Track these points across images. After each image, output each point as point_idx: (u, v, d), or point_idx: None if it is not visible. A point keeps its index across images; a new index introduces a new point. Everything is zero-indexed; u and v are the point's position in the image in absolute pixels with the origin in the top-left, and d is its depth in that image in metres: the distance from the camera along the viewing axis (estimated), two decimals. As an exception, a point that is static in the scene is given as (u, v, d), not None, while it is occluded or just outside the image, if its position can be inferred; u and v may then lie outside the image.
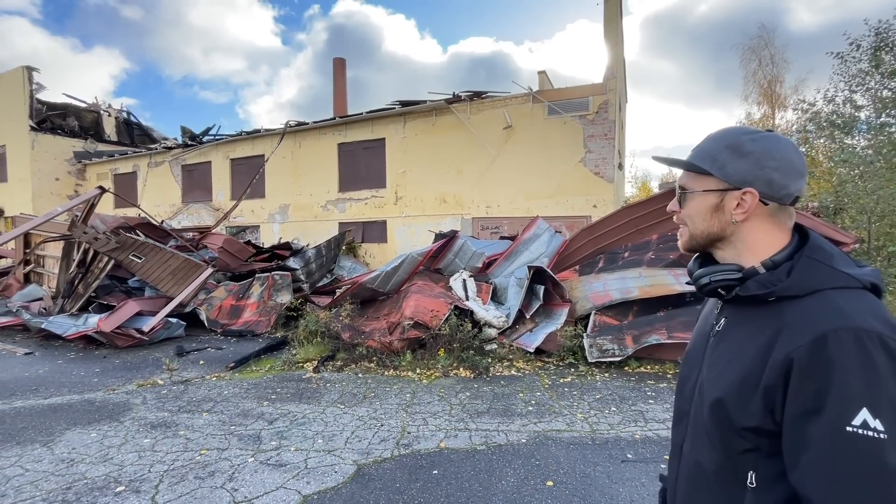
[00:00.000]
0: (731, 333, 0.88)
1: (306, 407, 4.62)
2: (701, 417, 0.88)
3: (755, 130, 0.88)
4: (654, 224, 7.47)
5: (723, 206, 0.87)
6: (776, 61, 21.83)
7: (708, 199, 0.89)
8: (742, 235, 0.88)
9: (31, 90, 19.09)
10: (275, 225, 15.05)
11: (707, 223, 0.90)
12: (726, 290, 0.87)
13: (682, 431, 0.96)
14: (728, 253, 0.91)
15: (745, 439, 0.80)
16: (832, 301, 0.76)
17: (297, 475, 3.27)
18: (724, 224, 0.88)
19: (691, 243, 0.94)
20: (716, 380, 0.85)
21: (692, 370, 0.96)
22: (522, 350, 6.21)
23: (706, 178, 0.88)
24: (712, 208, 0.88)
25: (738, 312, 0.88)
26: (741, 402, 0.79)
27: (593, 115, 10.65)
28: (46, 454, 3.61)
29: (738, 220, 0.86)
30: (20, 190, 19.09)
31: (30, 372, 5.94)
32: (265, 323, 8.19)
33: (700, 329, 1.01)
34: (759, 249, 0.87)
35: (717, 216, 0.88)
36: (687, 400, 0.95)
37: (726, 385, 0.82)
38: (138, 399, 4.90)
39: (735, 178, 0.85)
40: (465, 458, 3.52)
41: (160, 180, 17.58)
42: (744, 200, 0.85)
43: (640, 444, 3.71)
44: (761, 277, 0.83)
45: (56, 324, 7.40)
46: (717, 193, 0.87)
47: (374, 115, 13.19)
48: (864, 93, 9.53)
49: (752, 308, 0.85)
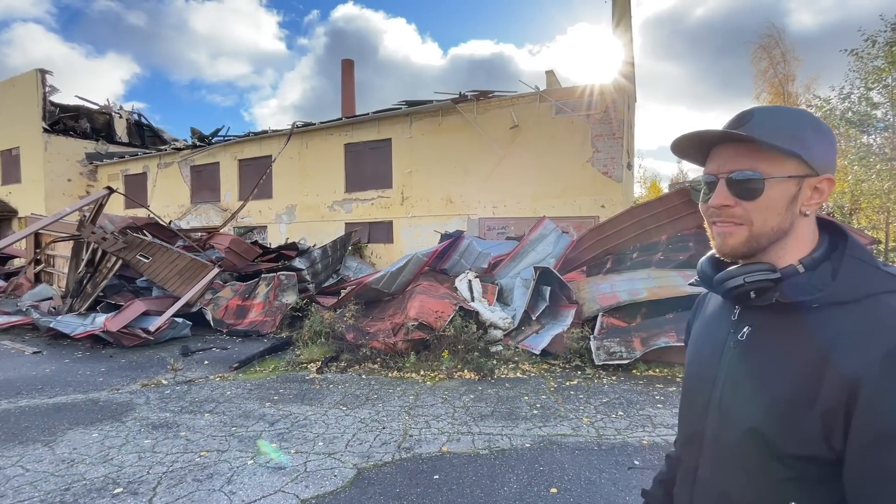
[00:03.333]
0: (761, 345, 0.76)
1: (308, 408, 4.57)
2: (727, 442, 0.77)
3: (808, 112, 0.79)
4: (664, 224, 7.33)
5: (798, 195, 0.74)
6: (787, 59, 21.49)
7: (788, 187, 0.74)
8: (798, 231, 0.76)
9: (45, 92, 19.36)
10: (282, 225, 15.09)
11: (781, 217, 0.74)
12: (758, 294, 0.75)
13: (696, 454, 0.84)
14: (770, 253, 0.77)
15: (789, 467, 0.69)
16: (893, 308, 0.65)
17: (295, 478, 3.22)
18: (794, 218, 0.75)
19: (750, 245, 0.76)
20: (748, 401, 0.74)
21: (703, 385, 0.83)
22: (528, 352, 6.12)
23: (789, 161, 0.73)
24: (790, 199, 0.74)
25: (769, 320, 0.76)
26: (787, 428, 0.68)
27: (601, 115, 10.52)
28: (47, 454, 3.60)
29: (810, 213, 0.75)
30: (33, 191, 19.37)
31: (37, 371, 5.97)
32: (270, 323, 8.18)
33: (707, 337, 0.88)
34: (802, 246, 0.76)
35: (792, 208, 0.75)
36: (698, 418, 0.83)
37: (767, 407, 0.71)
38: (141, 399, 4.89)
39: (818, 162, 0.73)
40: (468, 462, 3.45)
41: (169, 181, 17.74)
42: (819, 190, 0.74)
43: (648, 451, 3.61)
44: (801, 281, 0.72)
45: (64, 323, 7.45)
46: (797, 181, 0.74)
47: (380, 115, 13.17)
48: (880, 90, 9.31)
49: (790, 315, 0.73)
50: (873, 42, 8.77)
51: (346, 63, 24.51)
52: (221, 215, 15.67)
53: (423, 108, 12.47)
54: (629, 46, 11.40)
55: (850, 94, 9.42)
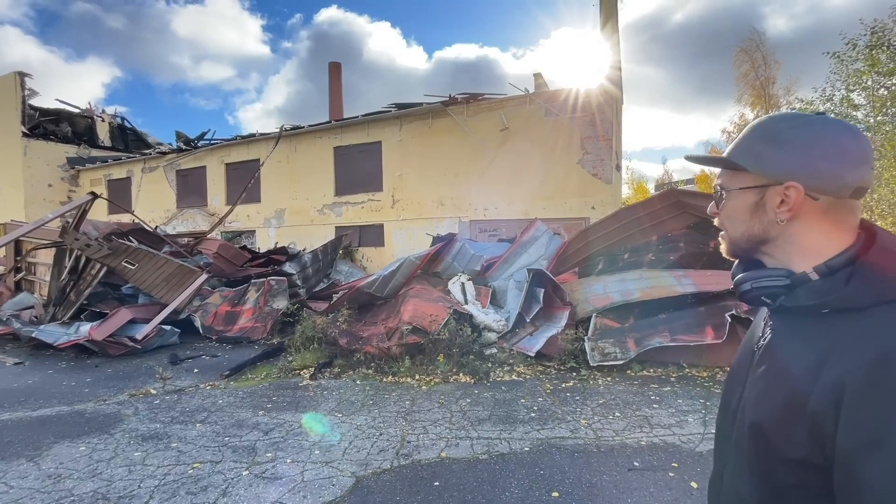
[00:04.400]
0: (775, 348, 0.78)
1: (303, 416, 4.50)
2: (741, 443, 0.78)
3: (800, 115, 0.77)
4: (654, 225, 7.39)
5: (764, 204, 0.78)
6: (768, 62, 21.96)
7: (745, 197, 0.80)
8: (791, 237, 0.77)
9: (24, 96, 18.90)
10: (270, 230, 14.92)
11: (746, 225, 0.81)
12: (771, 299, 0.77)
13: (724, 457, 0.86)
14: (777, 258, 0.80)
15: (791, 472, 0.69)
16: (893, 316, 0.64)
17: (293, 489, 3.16)
18: (768, 225, 0.78)
19: (732, 248, 0.85)
20: (757, 400, 0.76)
21: (736, 387, 0.85)
22: (523, 354, 6.11)
23: (741, 174, 0.80)
24: (752, 208, 0.79)
25: (786, 325, 0.78)
26: (784, 429, 0.69)
27: (590, 116, 10.60)
28: (33, 469, 3.48)
29: (784, 220, 0.76)
30: (12, 197, 18.87)
31: (19, 383, 5.79)
32: (261, 329, 8.06)
33: (746, 341, 0.90)
34: (812, 252, 0.75)
35: (758, 216, 0.79)
36: (730, 421, 0.85)
37: (769, 408, 0.72)
38: (130, 410, 4.77)
39: (774, 171, 0.75)
40: (467, 468, 3.41)
41: (155, 186, 17.42)
42: (787, 196, 0.75)
43: (647, 452, 3.61)
44: (813, 285, 0.73)
45: (47, 332, 7.25)
46: (756, 190, 0.78)
47: (369, 118, 13.10)
48: (860, 92, 9.54)
49: (801, 320, 0.75)
50: (854, 45, 8.99)
51: (333, 66, 24.40)
52: (209, 220, 15.43)
53: (412, 110, 12.43)
54: (616, 48, 11.51)
55: (832, 95, 9.68)
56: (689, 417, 4.25)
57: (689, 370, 5.60)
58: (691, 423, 4.12)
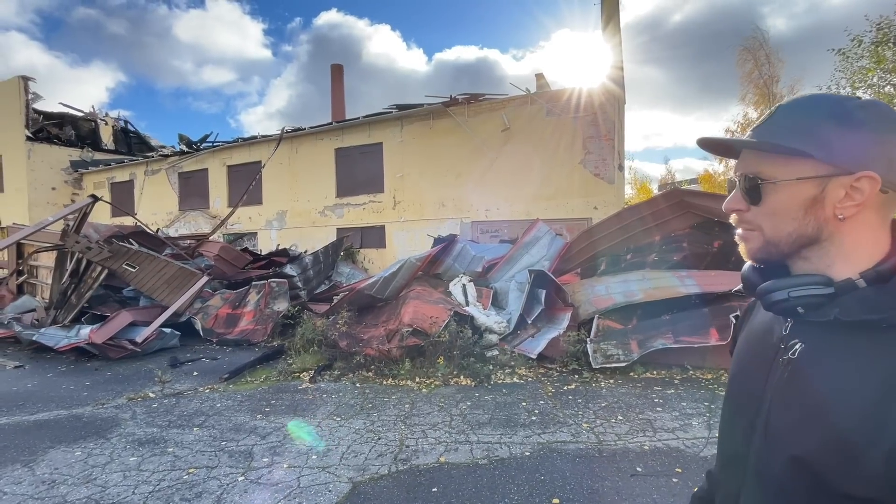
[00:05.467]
0: (816, 366, 0.66)
1: (301, 420, 4.44)
2: (772, 471, 0.68)
3: (856, 97, 0.68)
4: (657, 225, 7.31)
5: (823, 198, 0.65)
6: (772, 61, 21.79)
7: (802, 189, 0.66)
8: (842, 237, 0.66)
9: (28, 100, 19.01)
10: (272, 231, 14.91)
11: (798, 223, 0.67)
12: (808, 309, 0.66)
13: (738, 480, 0.75)
14: (814, 262, 0.69)
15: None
16: None
17: (289, 495, 3.10)
18: (823, 222, 0.66)
19: (768, 251, 0.71)
20: (797, 428, 0.65)
21: (747, 402, 0.75)
22: (524, 356, 6.04)
23: (800, 161, 0.66)
24: (808, 202, 0.66)
25: (826, 338, 0.66)
26: (843, 464, 0.60)
27: (591, 116, 10.53)
28: (27, 475, 3.44)
29: (847, 217, 0.65)
30: (16, 200, 18.97)
31: (18, 386, 5.77)
32: (262, 332, 8.02)
33: (753, 349, 0.79)
34: (858, 255, 0.66)
35: (815, 213, 0.66)
36: (742, 440, 0.75)
37: (820, 438, 0.62)
38: (127, 414, 4.73)
39: (845, 158, 0.63)
40: (466, 473, 3.35)
41: (157, 188, 17.46)
42: (856, 189, 0.63)
43: (650, 456, 3.54)
44: (866, 296, 0.63)
45: (47, 335, 7.24)
46: (817, 181, 0.65)
47: (371, 119, 13.07)
48: (865, 89, 9.42)
49: (848, 335, 0.64)
50: (859, 42, 8.89)
51: (335, 68, 24.43)
52: (210, 222, 15.44)
53: (413, 111, 12.39)
54: (618, 48, 11.43)
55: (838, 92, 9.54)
56: (694, 421, 4.17)
57: (694, 372, 5.51)
58: (696, 427, 4.04)
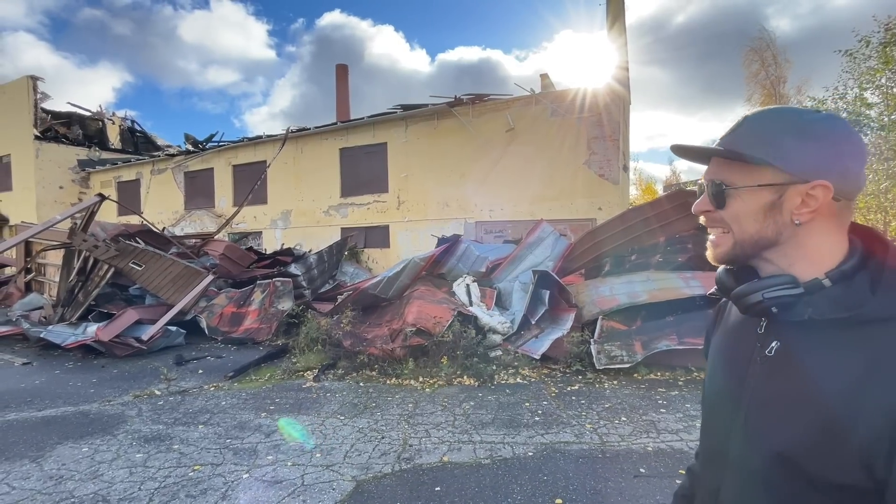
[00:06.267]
0: (791, 364, 0.71)
1: (305, 418, 4.47)
2: (753, 465, 0.72)
3: (815, 110, 0.73)
4: (662, 226, 7.29)
5: (781, 203, 0.71)
6: (778, 61, 21.66)
7: (761, 195, 0.72)
8: (799, 240, 0.72)
9: (36, 99, 19.19)
10: (277, 231, 14.97)
11: (760, 226, 0.73)
12: (781, 309, 0.71)
13: (718, 475, 0.79)
14: (775, 263, 0.74)
15: (823, 495, 0.64)
16: None
17: (293, 492, 3.12)
18: (781, 226, 0.72)
19: (734, 252, 0.77)
20: (777, 425, 0.69)
21: (725, 401, 0.79)
22: (528, 357, 6.04)
23: (761, 169, 0.71)
24: (767, 207, 0.72)
25: (800, 336, 0.71)
26: (822, 455, 0.64)
27: (596, 117, 10.51)
28: (35, 470, 3.48)
29: (803, 222, 0.70)
30: (24, 199, 19.15)
31: (26, 383, 5.83)
32: (266, 330, 8.06)
33: (730, 348, 0.83)
34: (818, 257, 0.71)
35: (773, 217, 0.72)
36: (721, 438, 0.79)
37: (800, 431, 0.66)
38: (133, 411, 4.77)
39: (802, 168, 0.68)
40: (469, 473, 3.36)
41: (163, 187, 17.58)
42: (811, 197, 0.68)
43: (653, 458, 3.53)
44: (835, 294, 0.67)
45: (55, 333, 7.31)
46: (775, 188, 0.71)
47: (375, 119, 13.11)
48: (874, 90, 9.35)
49: (820, 332, 0.69)
50: (867, 42, 8.82)
51: (340, 68, 24.51)
52: (216, 221, 15.53)
53: (418, 111, 12.42)
54: (623, 49, 11.40)
55: (845, 94, 9.49)
56: (698, 422, 4.16)
57: (698, 374, 5.50)
58: (699, 429, 4.02)
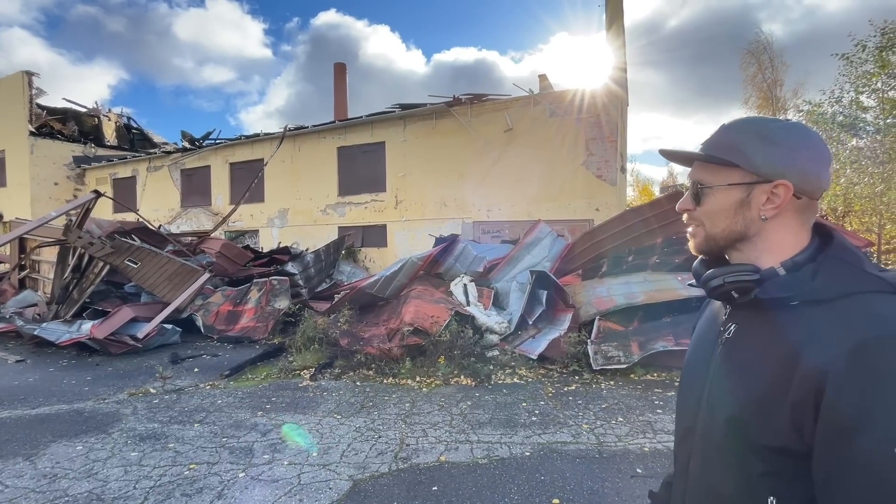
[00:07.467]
0: (743, 341, 0.80)
1: (301, 417, 4.45)
2: (712, 435, 0.80)
3: (780, 119, 0.83)
4: (659, 227, 7.31)
5: (749, 201, 0.80)
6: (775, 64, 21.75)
7: (732, 193, 0.81)
8: (767, 234, 0.80)
9: (31, 95, 19.03)
10: (274, 229, 14.92)
11: (730, 221, 0.82)
12: (740, 293, 0.79)
13: (688, 449, 0.88)
14: (746, 254, 0.83)
15: (765, 461, 0.72)
16: (868, 306, 0.68)
17: (289, 492, 3.11)
18: (750, 221, 0.80)
19: (708, 244, 0.86)
20: (729, 394, 0.78)
21: (695, 381, 0.88)
22: (525, 357, 6.04)
23: (730, 170, 0.81)
24: (737, 204, 0.81)
25: (752, 318, 0.80)
26: (763, 419, 0.71)
27: (594, 118, 10.52)
28: (29, 469, 3.45)
29: (768, 217, 0.79)
30: (19, 195, 19.00)
31: (20, 380, 5.79)
32: (262, 329, 8.03)
33: (702, 336, 0.93)
34: (780, 249, 0.79)
35: (742, 213, 0.80)
36: (691, 415, 0.87)
37: (744, 400, 0.75)
38: (128, 409, 4.74)
39: (766, 169, 0.77)
40: (467, 472, 3.36)
41: (159, 185, 17.48)
42: (775, 194, 0.77)
43: (650, 458, 3.54)
44: (782, 279, 0.76)
45: (49, 330, 7.25)
46: (744, 187, 0.80)
47: (373, 118, 13.08)
48: (869, 94, 9.41)
49: (768, 313, 0.77)
50: (863, 47, 8.87)
51: (338, 67, 24.41)
52: (212, 219, 15.46)
53: (416, 111, 12.40)
54: (621, 50, 11.43)
55: (841, 97, 9.53)
56: (694, 423, 4.17)
57: (694, 375, 5.51)
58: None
